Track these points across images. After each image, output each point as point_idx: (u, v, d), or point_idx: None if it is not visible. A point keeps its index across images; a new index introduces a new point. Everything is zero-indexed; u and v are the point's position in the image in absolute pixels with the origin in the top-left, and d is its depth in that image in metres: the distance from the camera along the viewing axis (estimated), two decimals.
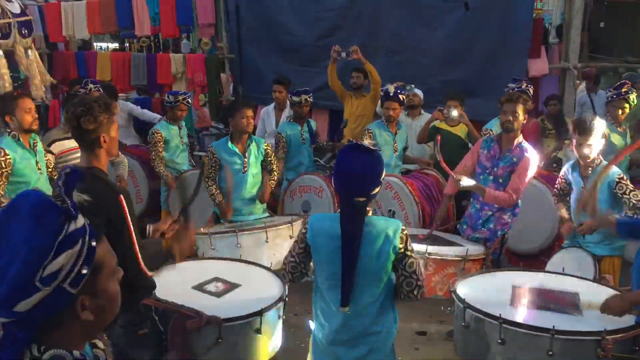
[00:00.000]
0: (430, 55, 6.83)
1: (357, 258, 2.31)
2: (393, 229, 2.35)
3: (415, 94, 6.10)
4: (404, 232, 2.37)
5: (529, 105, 4.14)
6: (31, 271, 1.03)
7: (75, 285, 1.08)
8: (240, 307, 2.80)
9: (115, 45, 13.12)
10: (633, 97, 4.94)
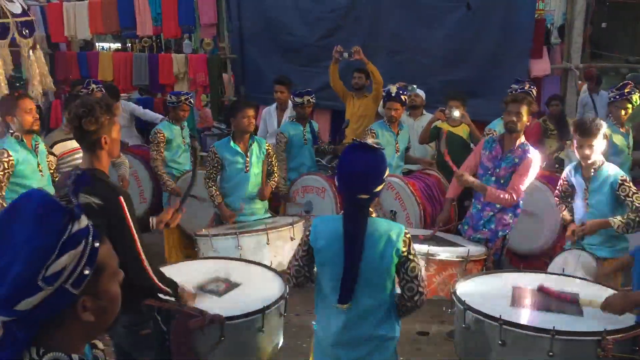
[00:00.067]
0: (431, 56, 6.83)
1: (360, 257, 2.31)
2: (396, 231, 2.35)
3: (417, 94, 6.10)
4: (407, 236, 2.37)
5: (533, 106, 4.14)
6: (34, 271, 1.04)
7: (77, 286, 1.08)
8: (242, 306, 2.81)
9: (117, 45, 13.14)
10: (636, 97, 4.94)
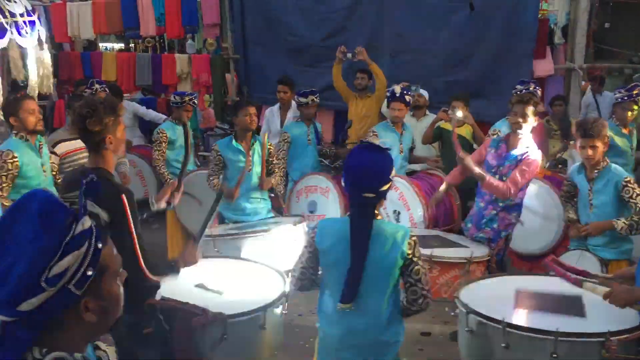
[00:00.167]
0: (434, 56, 6.81)
1: (365, 257, 2.31)
2: (402, 233, 2.36)
3: (420, 95, 6.09)
4: (413, 239, 2.37)
5: (539, 107, 4.13)
6: (37, 271, 1.04)
7: (80, 287, 1.08)
8: (243, 303, 2.82)
9: (120, 45, 13.14)
10: None
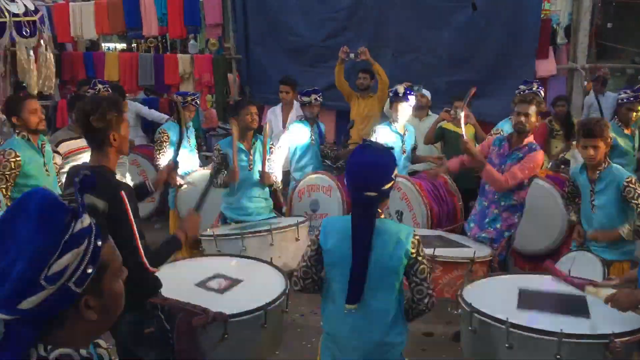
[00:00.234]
0: (437, 56, 6.81)
1: (368, 256, 2.30)
2: (405, 232, 2.35)
3: (422, 95, 6.09)
4: (417, 238, 2.36)
5: (542, 107, 4.12)
6: (36, 269, 1.03)
7: (80, 285, 1.08)
8: (244, 302, 2.81)
9: (122, 45, 13.16)
10: None
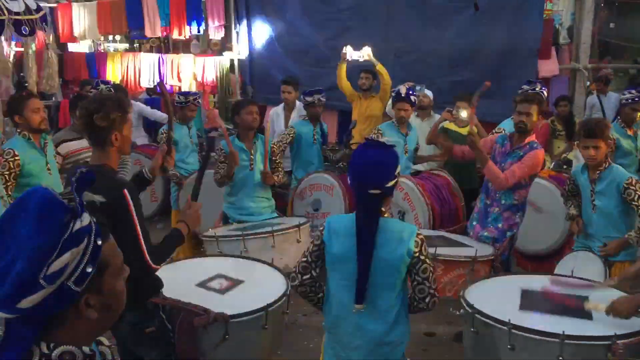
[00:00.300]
0: (439, 56, 6.81)
1: (372, 254, 2.30)
2: (408, 231, 2.35)
3: (425, 95, 6.09)
4: (420, 237, 2.36)
5: (543, 107, 4.12)
6: (35, 268, 1.03)
7: (79, 284, 1.08)
8: (245, 303, 2.81)
9: (125, 46, 13.18)
10: None
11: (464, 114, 5.24)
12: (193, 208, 2.76)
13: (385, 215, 2.41)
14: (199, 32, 8.93)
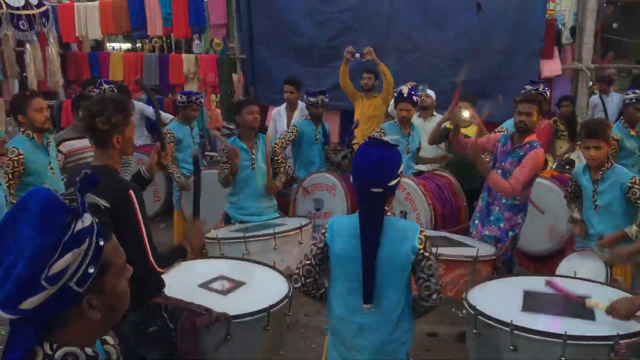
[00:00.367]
0: (442, 56, 6.81)
1: (376, 253, 2.30)
2: (412, 229, 2.36)
3: (427, 95, 6.08)
4: (423, 234, 2.37)
5: (544, 107, 4.11)
6: (37, 270, 1.03)
7: (81, 284, 1.07)
8: (247, 304, 2.81)
9: (127, 45, 13.21)
10: None
11: (466, 114, 5.23)
12: (196, 227, 2.76)
13: (388, 214, 2.41)
14: (201, 31, 8.95)
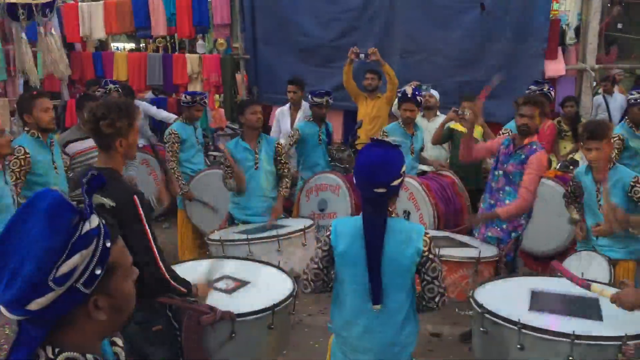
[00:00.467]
0: (445, 57, 6.80)
1: (381, 254, 2.29)
2: (417, 231, 2.35)
3: (431, 95, 6.08)
4: (428, 236, 2.36)
5: (546, 108, 4.10)
6: (44, 271, 1.03)
7: (88, 286, 1.07)
8: (251, 303, 2.81)
9: (131, 45, 13.21)
10: None
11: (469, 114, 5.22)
12: (204, 290, 2.73)
13: (393, 215, 2.40)
14: (204, 31, 8.94)
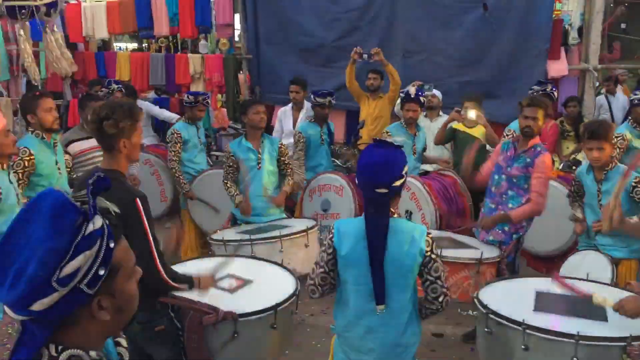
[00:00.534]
0: (448, 57, 6.80)
1: (384, 254, 2.30)
2: (419, 231, 2.36)
3: (434, 95, 6.07)
4: (430, 236, 2.37)
5: (549, 110, 4.09)
6: (48, 271, 1.03)
7: (92, 286, 1.08)
8: (254, 302, 2.81)
9: (134, 45, 13.25)
10: None
11: (472, 114, 5.22)
12: (207, 284, 2.72)
13: (395, 216, 2.40)
14: (207, 31, 8.95)
